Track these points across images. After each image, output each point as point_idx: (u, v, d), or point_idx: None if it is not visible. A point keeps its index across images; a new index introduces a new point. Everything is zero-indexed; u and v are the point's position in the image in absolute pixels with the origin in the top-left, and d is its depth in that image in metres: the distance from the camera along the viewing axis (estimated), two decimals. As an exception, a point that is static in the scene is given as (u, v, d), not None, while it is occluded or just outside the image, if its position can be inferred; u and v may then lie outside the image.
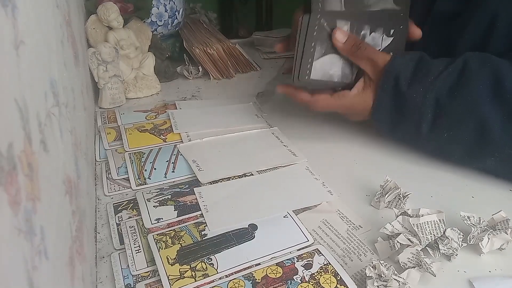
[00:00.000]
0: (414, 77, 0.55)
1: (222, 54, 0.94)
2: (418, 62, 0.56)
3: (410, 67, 0.55)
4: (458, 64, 0.53)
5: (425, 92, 0.54)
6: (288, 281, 0.41)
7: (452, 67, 0.53)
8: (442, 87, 0.53)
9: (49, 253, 0.25)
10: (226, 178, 0.58)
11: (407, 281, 0.40)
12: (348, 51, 0.59)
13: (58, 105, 0.35)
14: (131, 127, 0.70)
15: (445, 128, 0.54)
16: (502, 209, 0.46)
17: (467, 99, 0.52)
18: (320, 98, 0.61)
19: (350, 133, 0.69)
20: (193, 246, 0.46)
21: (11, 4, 0.23)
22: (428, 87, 0.53)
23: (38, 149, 0.25)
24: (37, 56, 0.30)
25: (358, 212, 0.52)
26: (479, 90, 0.51)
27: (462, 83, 0.52)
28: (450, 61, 0.54)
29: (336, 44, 0.58)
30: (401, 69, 0.56)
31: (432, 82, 0.53)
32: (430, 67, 0.55)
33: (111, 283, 0.42)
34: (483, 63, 0.52)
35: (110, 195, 0.55)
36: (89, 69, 0.75)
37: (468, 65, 0.52)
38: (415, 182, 0.56)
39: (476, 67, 0.52)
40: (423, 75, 0.54)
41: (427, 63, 0.55)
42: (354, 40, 0.59)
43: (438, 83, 0.53)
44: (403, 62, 0.56)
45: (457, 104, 0.52)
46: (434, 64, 0.55)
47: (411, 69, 0.55)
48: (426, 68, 0.55)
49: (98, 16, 0.77)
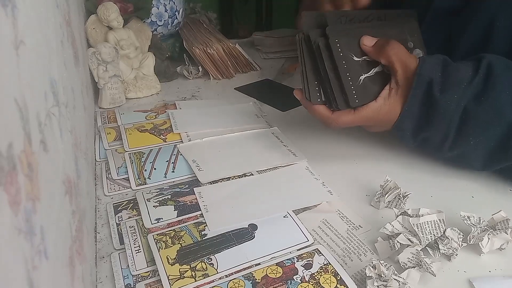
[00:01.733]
0: (445, 82, 0.52)
1: (222, 54, 0.94)
2: (444, 65, 0.53)
3: (438, 70, 0.53)
4: (484, 69, 0.51)
5: (459, 99, 0.51)
6: (288, 281, 0.41)
7: (481, 71, 0.51)
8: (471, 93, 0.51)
9: (49, 253, 0.25)
10: (226, 178, 0.58)
11: (407, 281, 0.40)
12: (378, 51, 0.54)
13: (58, 105, 0.35)
14: (131, 127, 0.70)
15: (472, 135, 0.52)
16: (502, 209, 0.46)
17: (494, 105, 0.50)
18: (342, 113, 0.56)
19: (350, 133, 0.69)
20: (193, 246, 0.46)
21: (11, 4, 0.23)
22: (462, 95, 0.51)
23: (38, 149, 0.25)
24: (37, 56, 0.30)
25: (358, 212, 0.52)
26: (506, 95, 0.50)
27: (488, 88, 0.51)
28: (476, 65, 0.52)
29: (365, 48, 0.55)
30: (433, 73, 0.52)
31: (465, 89, 0.51)
32: (458, 70, 0.52)
33: (111, 283, 0.42)
34: (506, 67, 0.51)
35: (110, 195, 0.55)
36: (89, 69, 0.75)
37: (493, 70, 0.51)
38: (415, 182, 0.56)
39: (500, 72, 0.51)
40: (454, 80, 0.52)
41: (453, 67, 0.53)
42: (381, 40, 0.55)
43: (471, 90, 0.51)
44: (433, 64, 0.53)
45: (485, 110, 0.51)
46: (461, 68, 0.52)
47: (439, 73, 0.52)
48: (453, 72, 0.52)
49: (98, 16, 0.77)
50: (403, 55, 0.53)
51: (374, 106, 0.55)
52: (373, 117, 0.55)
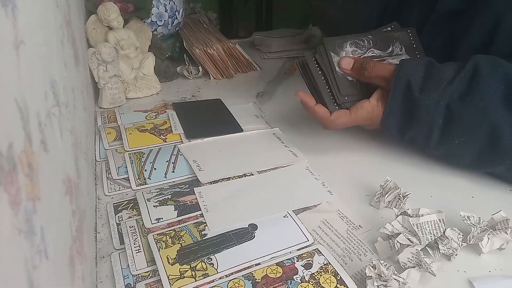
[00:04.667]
0: (426, 83, 0.53)
1: (222, 54, 0.94)
2: (427, 66, 0.54)
3: (420, 71, 0.54)
4: (469, 69, 0.52)
5: (439, 99, 0.52)
6: (288, 281, 0.41)
7: (463, 72, 0.52)
8: (453, 93, 0.52)
9: (49, 253, 0.25)
10: (226, 178, 0.58)
11: (407, 281, 0.40)
12: (357, 74, 0.59)
13: (58, 105, 0.35)
14: (131, 127, 0.70)
15: (456, 135, 0.53)
16: (502, 209, 0.46)
17: (478, 105, 0.50)
18: (340, 115, 0.59)
19: (350, 133, 0.69)
20: (193, 246, 0.46)
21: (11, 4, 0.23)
22: (442, 94, 0.52)
23: (38, 149, 0.25)
24: (37, 56, 0.30)
25: (358, 212, 0.52)
26: (491, 96, 0.50)
27: (473, 88, 0.51)
28: (460, 65, 0.53)
29: (345, 71, 0.60)
30: (412, 74, 0.54)
31: (445, 88, 0.52)
32: (441, 72, 0.53)
33: (111, 283, 0.42)
34: (494, 68, 0.51)
35: (110, 195, 0.55)
36: (89, 69, 0.75)
37: (479, 70, 0.51)
38: (415, 182, 0.56)
39: (487, 72, 0.51)
40: (435, 80, 0.53)
41: (437, 68, 0.54)
42: (359, 62, 0.58)
43: (451, 89, 0.52)
44: (413, 67, 0.55)
45: (468, 110, 0.51)
46: (444, 69, 0.54)
47: (421, 74, 0.54)
48: (437, 73, 0.53)
49: (98, 16, 0.77)
50: (379, 70, 0.57)
51: (367, 106, 0.58)
52: (367, 117, 0.59)
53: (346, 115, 0.59)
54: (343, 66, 0.59)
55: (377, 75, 0.57)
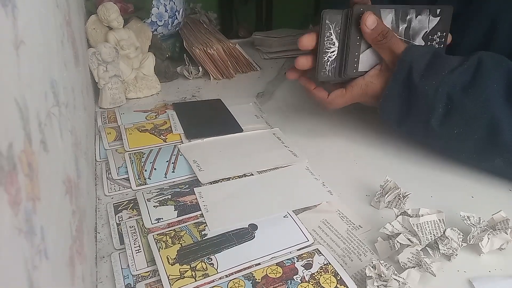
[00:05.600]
0: (427, 70, 0.54)
1: (222, 54, 0.94)
2: (433, 55, 0.55)
3: (425, 59, 0.55)
4: (473, 62, 0.53)
5: (438, 86, 0.53)
6: (288, 281, 0.41)
7: (467, 63, 0.53)
8: (455, 83, 0.52)
9: (49, 253, 0.25)
10: (226, 178, 0.58)
11: (407, 281, 0.40)
12: (374, 39, 0.57)
13: (58, 105, 0.35)
14: (131, 127, 0.70)
15: (456, 125, 0.53)
16: (502, 209, 0.46)
17: (480, 98, 0.51)
18: (336, 96, 0.61)
19: (350, 133, 0.69)
20: (193, 246, 0.46)
21: (11, 4, 0.23)
22: (441, 81, 0.53)
23: (38, 149, 0.25)
24: (37, 56, 0.30)
25: (358, 212, 0.52)
26: (493, 89, 0.51)
27: (476, 81, 0.52)
28: (465, 57, 0.54)
29: (364, 29, 0.57)
30: (416, 60, 0.55)
31: (445, 76, 0.53)
32: (445, 61, 0.54)
33: (111, 283, 0.42)
34: (498, 63, 0.52)
35: (110, 195, 0.55)
36: (89, 69, 0.75)
37: (483, 64, 0.52)
38: (415, 182, 0.56)
39: (491, 67, 0.52)
40: (437, 69, 0.54)
41: (442, 57, 0.55)
42: (382, 28, 0.57)
43: (451, 78, 0.53)
44: (419, 53, 0.55)
45: (470, 101, 0.52)
46: (449, 59, 0.54)
47: (425, 61, 0.55)
48: (440, 62, 0.54)
49: (98, 16, 0.77)
50: (393, 43, 0.57)
51: (361, 83, 0.60)
52: (362, 93, 0.60)
53: (341, 95, 0.61)
54: (367, 22, 0.56)
55: (390, 48, 0.57)
